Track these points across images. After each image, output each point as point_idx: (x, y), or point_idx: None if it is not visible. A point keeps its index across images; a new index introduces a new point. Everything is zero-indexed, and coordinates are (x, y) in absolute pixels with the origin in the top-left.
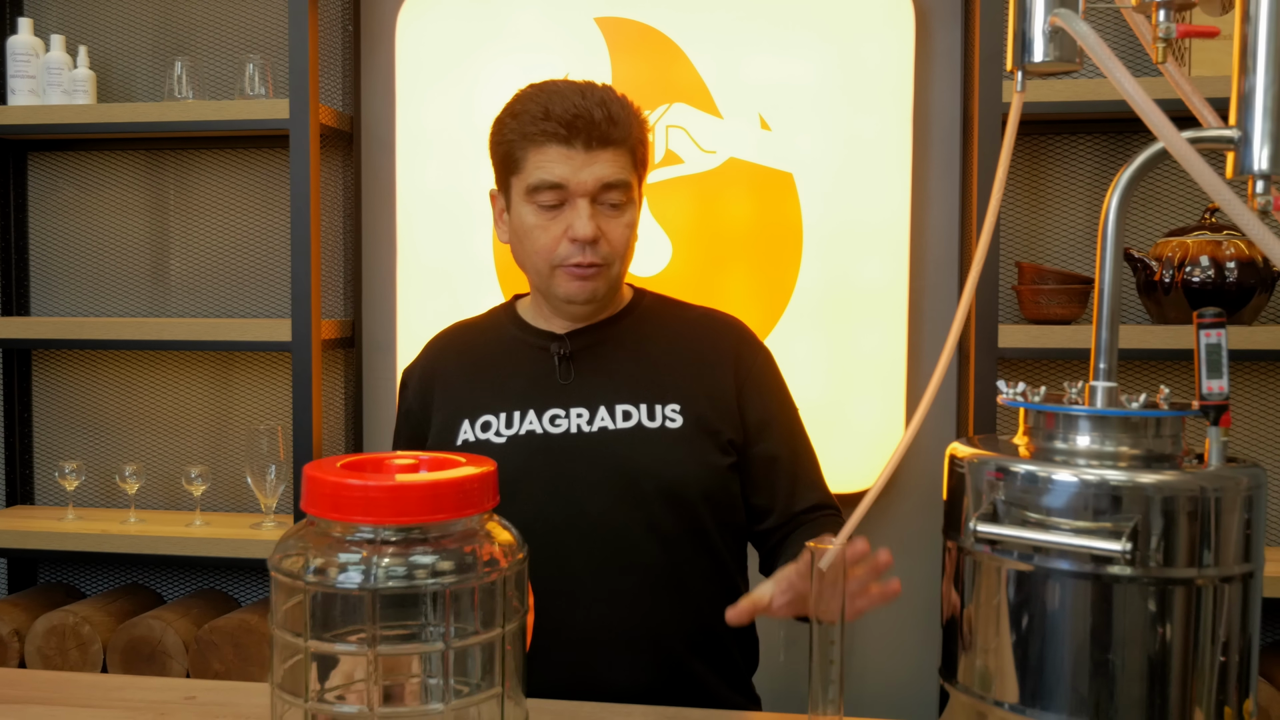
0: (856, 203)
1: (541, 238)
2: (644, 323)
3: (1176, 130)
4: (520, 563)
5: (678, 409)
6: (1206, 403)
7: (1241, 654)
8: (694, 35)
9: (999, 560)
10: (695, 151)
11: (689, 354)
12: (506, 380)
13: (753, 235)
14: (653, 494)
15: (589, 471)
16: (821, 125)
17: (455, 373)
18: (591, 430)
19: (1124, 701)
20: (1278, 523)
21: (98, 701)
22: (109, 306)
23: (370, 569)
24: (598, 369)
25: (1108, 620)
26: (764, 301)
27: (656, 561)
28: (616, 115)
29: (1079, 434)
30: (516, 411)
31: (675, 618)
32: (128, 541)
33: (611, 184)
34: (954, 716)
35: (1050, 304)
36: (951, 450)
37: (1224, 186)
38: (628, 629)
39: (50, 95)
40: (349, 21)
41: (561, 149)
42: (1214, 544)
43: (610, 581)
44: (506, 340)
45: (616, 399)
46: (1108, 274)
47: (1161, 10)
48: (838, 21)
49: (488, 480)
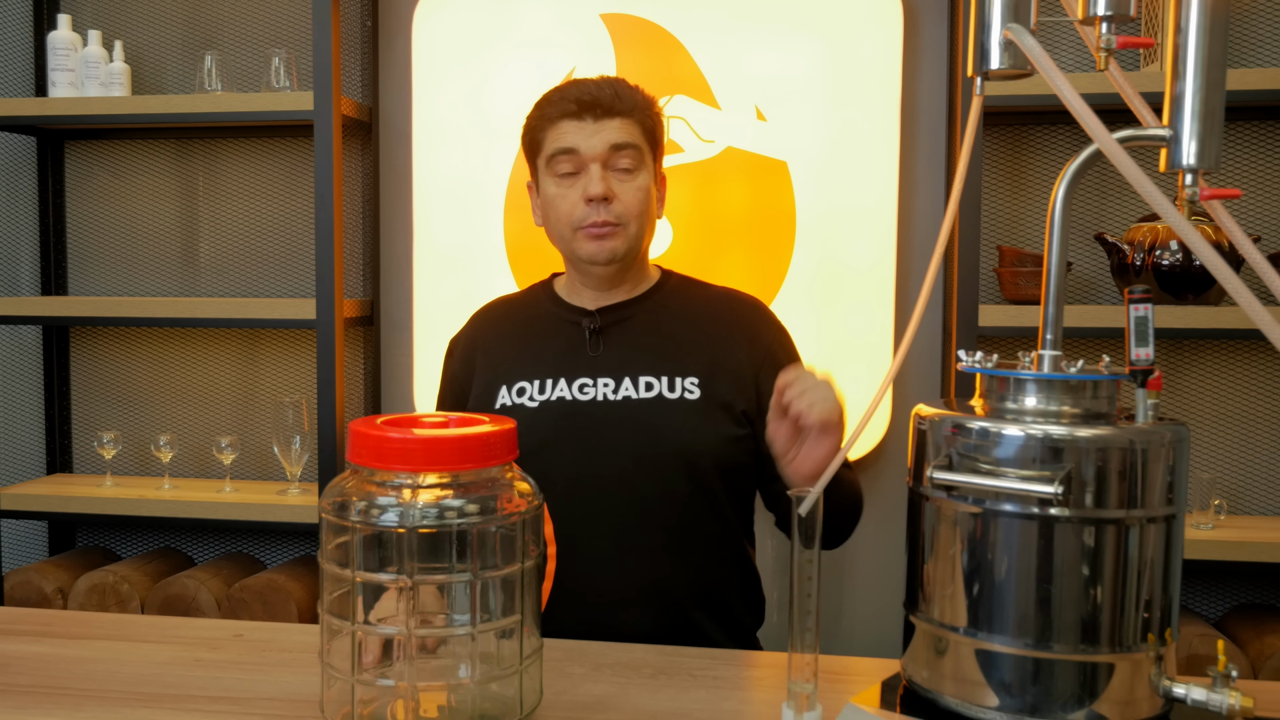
0: (847, 189)
1: (562, 204)
2: (668, 301)
3: (1108, 132)
4: (536, 509)
5: (696, 382)
6: (1135, 368)
7: (1165, 585)
8: (694, 31)
9: (954, 504)
10: (695, 141)
11: (709, 331)
12: (541, 350)
13: (749, 220)
14: (669, 459)
15: (612, 436)
16: (814, 116)
17: (496, 342)
18: (616, 399)
19: (1061, 626)
20: (1256, 489)
21: (155, 638)
22: (142, 286)
23: (407, 510)
24: (624, 342)
25: (1048, 555)
26: (759, 282)
27: (669, 522)
28: (622, 93)
29: (1026, 395)
30: (549, 379)
31: (683, 574)
32: (162, 506)
33: (619, 145)
34: (917, 644)
35: (1028, 285)
36: (916, 410)
37: (1147, 181)
38: (639, 582)
39: (88, 88)
40: (368, 17)
41: (573, 122)
42: (1140, 489)
43: (626, 538)
44: (542, 314)
45: (640, 371)
46: (1054, 258)
47: (1104, 24)
48: (830, 18)
49: (508, 437)
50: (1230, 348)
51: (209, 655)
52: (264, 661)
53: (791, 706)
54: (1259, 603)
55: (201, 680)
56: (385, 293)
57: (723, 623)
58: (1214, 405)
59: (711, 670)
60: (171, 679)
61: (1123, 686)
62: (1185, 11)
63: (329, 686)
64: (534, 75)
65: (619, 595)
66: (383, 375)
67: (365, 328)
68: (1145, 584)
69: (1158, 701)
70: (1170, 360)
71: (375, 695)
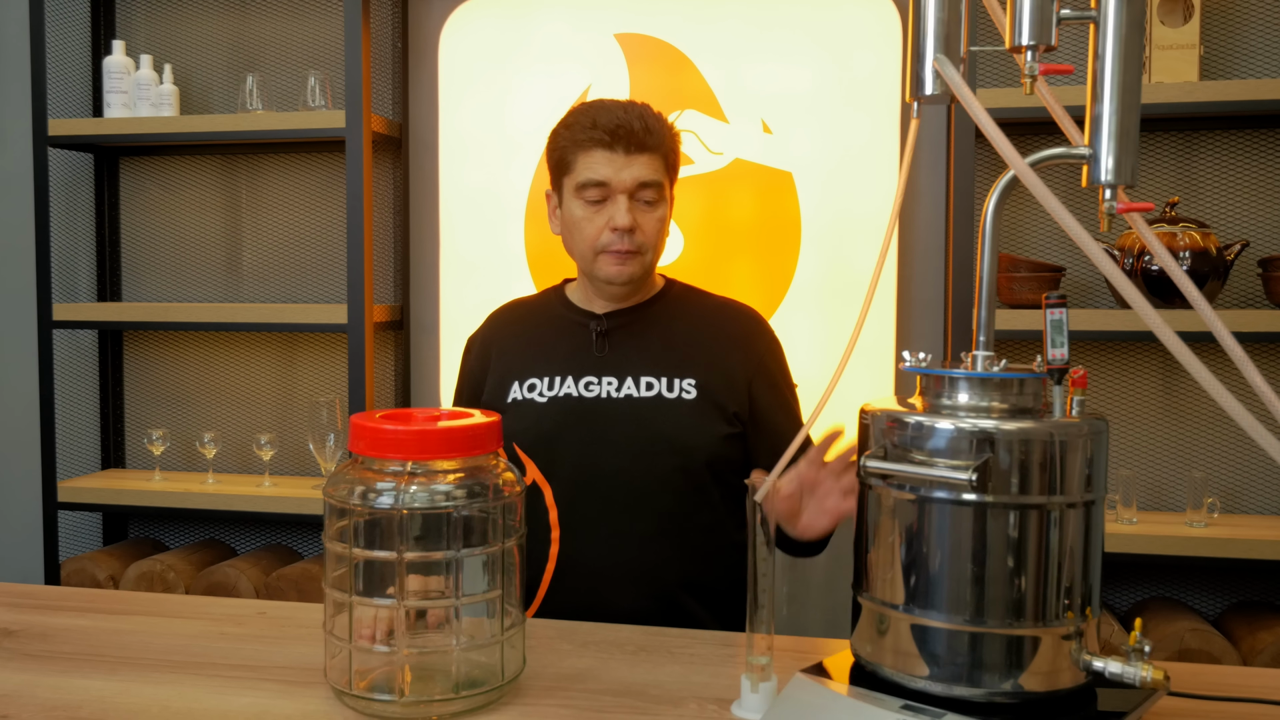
0: (849, 198)
1: (588, 228)
2: (671, 308)
3: (1021, 158)
4: (518, 494)
5: (693, 383)
6: (1051, 366)
7: (1085, 566)
8: (703, 48)
9: (891, 492)
10: (704, 153)
11: (707, 337)
12: (551, 350)
13: (756, 228)
14: (666, 453)
15: (614, 431)
16: (818, 128)
17: (509, 341)
18: (619, 397)
19: (988, 603)
20: (1252, 489)
21: (187, 614)
22: (189, 293)
23: (399, 494)
24: (628, 345)
25: (974, 538)
26: (767, 287)
27: (662, 510)
28: (652, 127)
29: (959, 392)
30: (558, 376)
31: (674, 559)
32: (206, 499)
33: (646, 183)
34: (862, 622)
35: (1023, 290)
36: (863, 406)
37: (1054, 199)
38: (632, 565)
39: (140, 108)
40: (398, 39)
41: (605, 153)
42: (1060, 477)
43: (622, 525)
44: (554, 317)
45: (642, 371)
46: (985, 269)
47: (1029, 52)
48: (832, 35)
49: (493, 429)
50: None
51: (233, 630)
52: (282, 635)
53: (749, 678)
54: (1257, 600)
55: (224, 650)
56: (414, 298)
57: (711, 606)
58: (1210, 406)
59: (689, 648)
60: (198, 649)
61: (1045, 659)
62: (1102, 40)
63: (332, 656)
64: (552, 92)
65: (615, 577)
66: (412, 375)
67: (395, 331)
68: (1066, 565)
69: (1079, 674)
70: (1164, 364)
71: (372, 664)
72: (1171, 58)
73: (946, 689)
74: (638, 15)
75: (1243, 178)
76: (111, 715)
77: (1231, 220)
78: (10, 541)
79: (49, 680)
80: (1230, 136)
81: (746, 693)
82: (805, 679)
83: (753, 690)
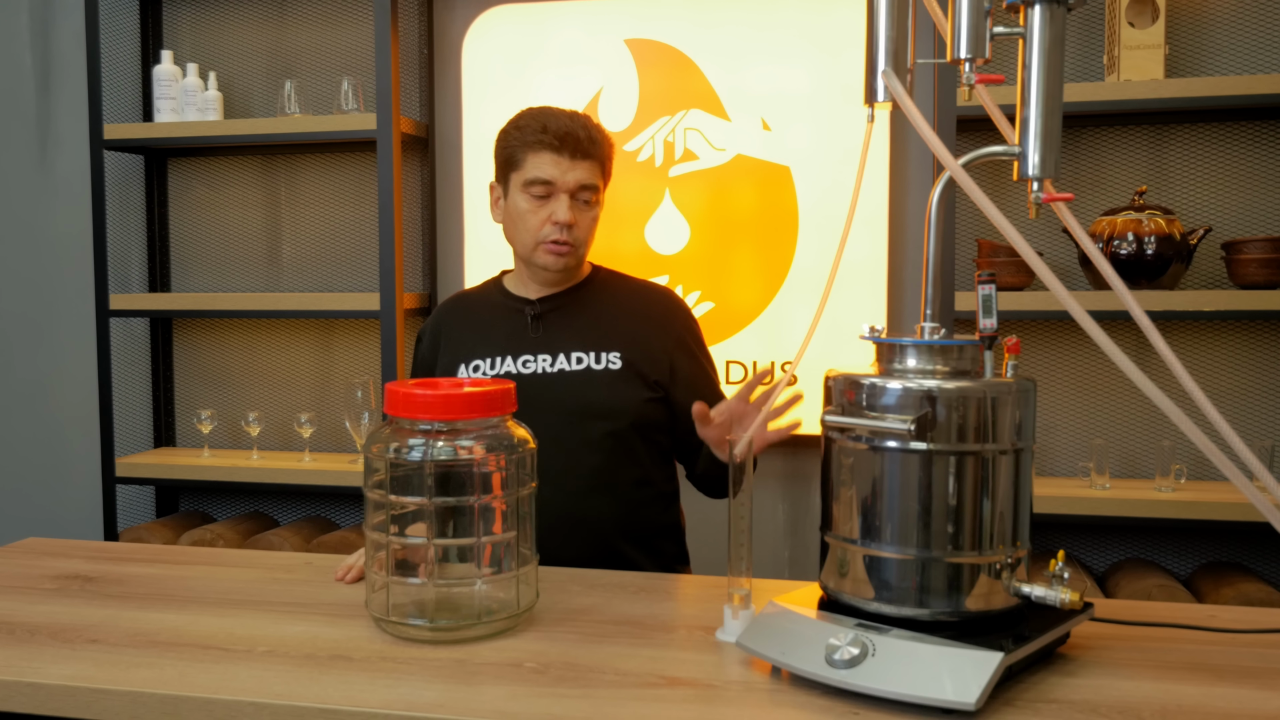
0: (844, 191)
1: (531, 220)
2: (597, 292)
3: (956, 161)
4: (531, 451)
5: (618, 356)
6: (983, 334)
7: (1015, 504)
8: (706, 51)
9: (849, 443)
10: (708, 149)
11: (630, 316)
12: (491, 333)
13: (756, 219)
14: (595, 418)
15: (549, 400)
16: (815, 125)
17: (456, 328)
18: (552, 371)
19: (931, 535)
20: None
21: (242, 564)
22: (233, 283)
23: (428, 449)
24: (559, 325)
25: (926, 481)
26: (766, 275)
27: (596, 468)
28: (595, 137)
29: (908, 358)
30: (498, 356)
31: (609, 510)
32: (251, 474)
33: (586, 185)
34: (829, 558)
35: (1003, 274)
36: (826, 372)
37: (984, 197)
38: (572, 518)
39: (187, 113)
40: (424, 45)
41: (553, 155)
42: (992, 428)
43: (562, 482)
44: (493, 304)
45: (572, 348)
46: (931, 255)
47: (966, 64)
48: (827, 37)
49: (508, 394)
50: (1189, 328)
51: (284, 576)
52: (327, 581)
53: (730, 607)
54: (1225, 561)
55: (277, 592)
56: (441, 286)
57: (648, 551)
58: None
59: (684, 590)
60: (254, 591)
61: (981, 585)
62: (1029, 53)
63: (372, 591)
64: (567, 93)
65: (558, 528)
66: None
67: (424, 317)
68: (998, 503)
69: (1010, 598)
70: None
71: (406, 598)
72: (1139, 57)
73: (897, 610)
74: (646, 21)
75: (1209, 168)
76: (185, 639)
77: (1198, 207)
78: (73, 513)
79: (128, 614)
80: (1198, 129)
81: (728, 619)
82: (777, 606)
83: (733, 617)
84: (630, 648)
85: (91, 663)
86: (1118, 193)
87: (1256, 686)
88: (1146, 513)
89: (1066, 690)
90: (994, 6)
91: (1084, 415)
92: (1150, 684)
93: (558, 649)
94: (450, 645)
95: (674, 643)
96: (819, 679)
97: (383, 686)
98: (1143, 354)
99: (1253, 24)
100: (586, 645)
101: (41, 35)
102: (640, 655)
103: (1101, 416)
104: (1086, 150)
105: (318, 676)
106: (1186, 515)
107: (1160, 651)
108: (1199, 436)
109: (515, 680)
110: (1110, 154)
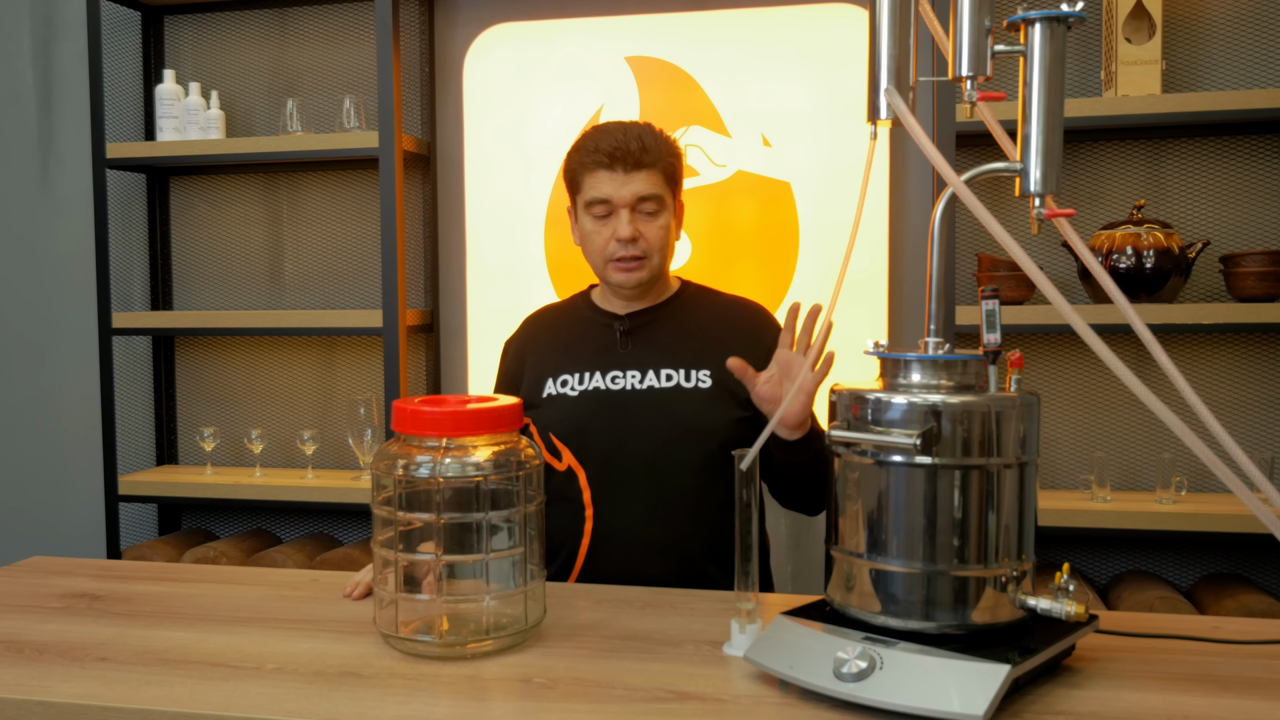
0: (844, 206)
1: (597, 240)
2: (686, 307)
3: (957, 176)
4: (537, 467)
5: (708, 374)
6: (987, 349)
7: (1020, 517)
8: (706, 69)
9: (855, 458)
10: (709, 166)
11: (719, 332)
12: (580, 349)
13: (757, 234)
14: (685, 436)
15: (639, 419)
16: (814, 141)
17: (543, 343)
18: (642, 388)
19: (937, 549)
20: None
21: (249, 582)
22: (236, 301)
23: (436, 465)
24: (649, 342)
25: (930, 494)
26: (767, 289)
27: (685, 488)
28: (649, 145)
29: (913, 373)
30: (587, 372)
31: (696, 531)
32: (254, 491)
33: (645, 196)
34: (835, 571)
35: (1003, 288)
36: (832, 387)
37: (986, 212)
38: (660, 537)
39: (189, 132)
40: (426, 63)
41: (607, 173)
42: (996, 442)
43: (648, 502)
44: (581, 319)
45: (662, 365)
46: (935, 270)
47: (968, 82)
48: (826, 53)
49: (515, 410)
50: (1188, 342)
51: (291, 593)
52: (333, 598)
53: (738, 621)
54: (1227, 572)
55: (284, 609)
56: (443, 303)
57: (730, 572)
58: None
59: (691, 604)
60: (261, 608)
61: (987, 598)
62: (1030, 71)
63: (380, 607)
64: (568, 111)
65: (645, 550)
66: (442, 374)
67: (426, 334)
68: (1003, 516)
69: (1016, 611)
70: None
71: (414, 614)
72: (1136, 72)
73: (904, 623)
74: (647, 39)
75: (1207, 182)
76: (194, 656)
77: (1197, 221)
78: (76, 531)
79: (136, 632)
80: (1195, 144)
81: (735, 634)
82: (784, 620)
83: (740, 631)
84: (638, 662)
85: (101, 681)
86: (1116, 207)
87: (1261, 697)
88: (1147, 525)
89: (1073, 702)
90: (995, 25)
91: (1084, 428)
92: (1156, 695)
93: (566, 664)
94: (459, 661)
95: (682, 657)
96: (827, 692)
97: (393, 703)
98: (1142, 367)
99: (1248, 39)
100: (595, 660)
101: (44, 54)
102: (649, 670)
103: (1102, 429)
104: (1084, 165)
105: (328, 693)
106: (1187, 527)
107: (1165, 663)
108: (1201, 448)
109: (524, 696)
110: (1108, 168)
